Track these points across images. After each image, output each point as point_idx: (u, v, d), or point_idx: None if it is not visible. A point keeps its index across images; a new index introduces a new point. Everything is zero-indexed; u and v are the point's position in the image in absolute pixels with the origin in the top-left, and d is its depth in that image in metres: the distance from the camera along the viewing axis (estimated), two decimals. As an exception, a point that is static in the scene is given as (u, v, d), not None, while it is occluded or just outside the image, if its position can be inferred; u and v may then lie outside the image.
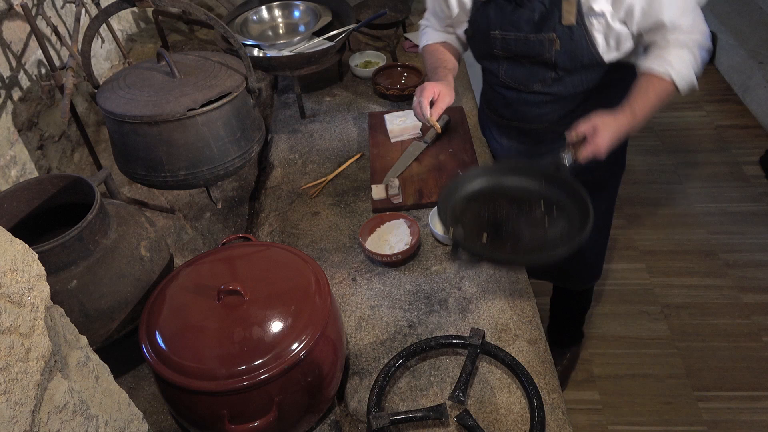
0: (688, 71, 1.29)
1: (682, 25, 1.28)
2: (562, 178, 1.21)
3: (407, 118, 1.69)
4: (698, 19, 1.30)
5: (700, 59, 1.31)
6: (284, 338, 0.93)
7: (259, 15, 1.89)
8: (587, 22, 1.31)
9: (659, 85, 1.29)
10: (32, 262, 0.62)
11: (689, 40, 1.29)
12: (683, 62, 1.28)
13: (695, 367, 2.21)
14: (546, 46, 1.36)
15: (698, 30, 1.30)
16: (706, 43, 1.31)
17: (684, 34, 1.29)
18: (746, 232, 2.72)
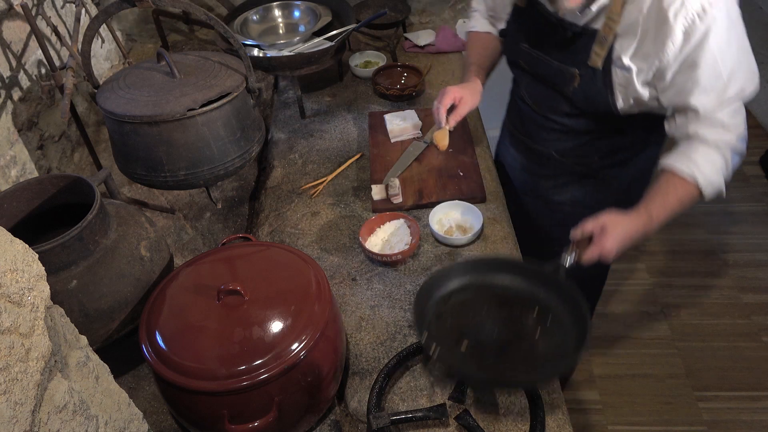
0: (717, 177, 1.15)
1: (717, 119, 1.14)
2: (561, 284, 1.09)
3: (407, 118, 1.69)
4: (738, 118, 1.16)
5: (731, 164, 1.17)
6: (284, 338, 0.93)
7: (259, 15, 1.89)
8: (613, 71, 1.21)
9: (682, 188, 1.16)
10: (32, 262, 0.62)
11: (723, 140, 1.15)
12: (712, 166, 1.14)
13: (695, 367, 2.21)
14: (566, 79, 1.28)
15: (736, 130, 1.16)
16: (740, 147, 1.17)
17: (718, 131, 1.14)
18: (746, 232, 2.72)
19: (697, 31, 1.07)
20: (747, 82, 1.14)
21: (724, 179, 1.17)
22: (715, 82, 1.11)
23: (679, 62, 1.11)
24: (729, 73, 1.10)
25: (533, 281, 1.13)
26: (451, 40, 2.08)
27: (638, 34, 1.14)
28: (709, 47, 1.08)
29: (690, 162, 1.15)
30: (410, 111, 1.73)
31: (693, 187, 1.15)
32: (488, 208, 1.47)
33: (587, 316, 1.02)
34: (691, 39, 1.08)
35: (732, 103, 1.13)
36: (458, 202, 1.44)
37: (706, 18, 1.06)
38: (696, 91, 1.12)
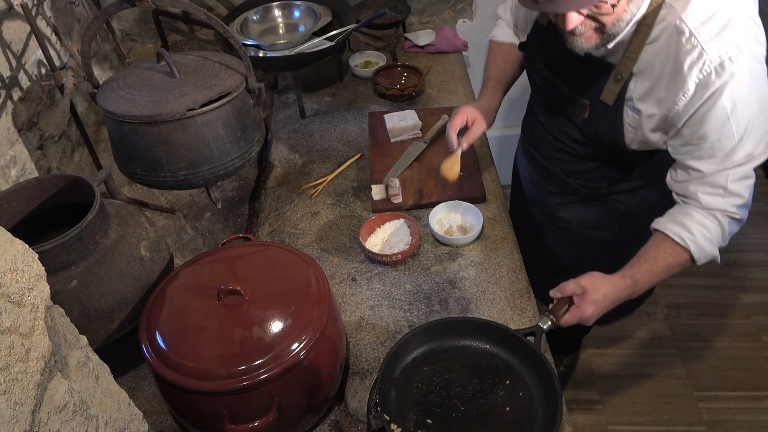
0: (711, 246, 1.10)
1: (720, 182, 1.07)
2: (538, 356, 1.02)
3: (407, 118, 1.69)
4: (744, 184, 1.08)
5: (728, 232, 1.11)
6: (284, 338, 0.93)
7: (259, 15, 1.89)
8: (624, 110, 1.16)
9: (672, 254, 1.11)
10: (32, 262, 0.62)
11: (722, 207, 1.09)
12: (707, 235, 1.09)
13: (695, 367, 2.21)
14: (577, 109, 1.24)
15: (738, 198, 1.08)
16: (741, 214, 1.10)
17: (718, 196, 1.08)
18: (746, 232, 2.70)
19: (712, 86, 1.00)
20: (759, 147, 1.06)
21: (719, 247, 1.12)
22: (724, 143, 1.04)
23: (689, 115, 1.05)
24: (740, 136, 1.03)
25: (505, 346, 1.06)
26: (451, 40, 2.08)
27: (653, 77, 1.08)
28: (722, 105, 1.01)
29: (684, 229, 1.10)
30: (410, 111, 1.73)
31: (684, 254, 1.11)
32: (488, 208, 1.47)
33: (559, 394, 0.96)
34: (705, 93, 1.02)
35: (739, 167, 1.06)
36: (458, 202, 1.44)
37: (724, 74, 0.99)
38: (701, 148, 1.06)
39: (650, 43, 1.07)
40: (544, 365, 1.00)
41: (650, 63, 1.08)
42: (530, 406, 0.99)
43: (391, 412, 0.97)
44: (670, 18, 1.03)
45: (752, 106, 1.03)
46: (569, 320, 1.11)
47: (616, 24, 1.03)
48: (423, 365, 1.06)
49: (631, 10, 1.02)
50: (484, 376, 1.02)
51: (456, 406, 1.00)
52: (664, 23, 1.04)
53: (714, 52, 0.99)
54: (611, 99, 1.16)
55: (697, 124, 1.05)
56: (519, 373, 1.03)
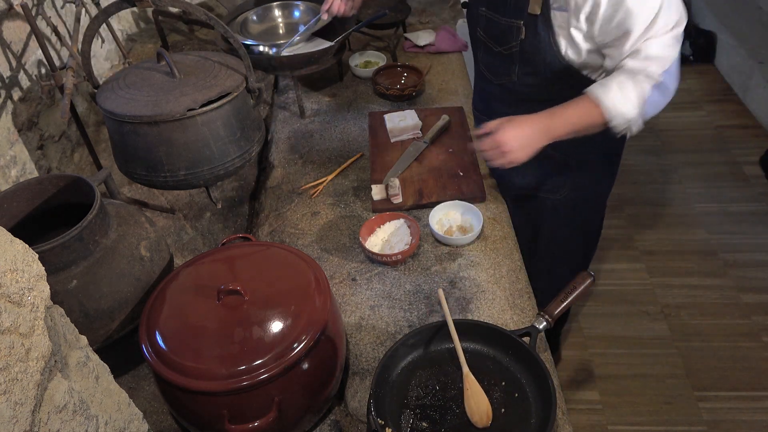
0: (626, 106, 1.17)
1: (643, 49, 1.16)
2: (533, 357, 1.01)
3: (407, 118, 1.69)
4: (667, 51, 1.16)
5: (648, 97, 1.17)
6: (284, 338, 0.93)
7: (259, 15, 1.89)
8: (552, 15, 1.24)
9: (587, 108, 1.20)
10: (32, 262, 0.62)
11: (645, 70, 1.16)
12: (623, 93, 1.16)
13: (695, 367, 2.21)
14: (513, 33, 1.31)
15: (662, 62, 1.16)
16: (665, 81, 1.17)
17: (641, 61, 1.16)
18: (746, 232, 2.72)
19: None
20: (676, 16, 1.16)
21: (639, 112, 1.18)
22: (644, 16, 1.13)
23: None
24: (659, 6, 1.13)
25: (500, 347, 1.06)
26: (451, 40, 2.08)
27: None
28: None
29: (602, 87, 1.18)
30: (410, 111, 1.73)
31: (597, 111, 1.18)
32: (488, 208, 1.47)
33: (554, 394, 0.95)
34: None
35: (661, 35, 1.15)
36: (458, 202, 1.44)
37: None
38: (626, 21, 1.14)
39: None
40: (539, 366, 1.00)
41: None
42: (526, 407, 0.99)
43: (385, 415, 0.97)
44: None
45: None
46: (488, 146, 1.20)
47: None
48: (418, 368, 1.06)
49: None
50: (479, 377, 1.02)
51: (451, 409, 1.00)
52: None
53: None
54: (537, 8, 1.25)
55: (618, 4, 1.14)
56: (514, 374, 1.03)
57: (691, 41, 3.76)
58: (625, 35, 1.16)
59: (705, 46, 3.74)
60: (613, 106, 1.17)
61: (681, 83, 1.22)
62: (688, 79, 3.63)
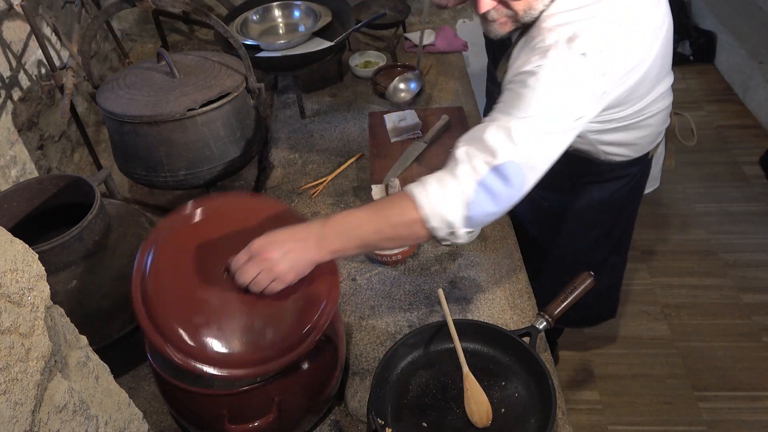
0: (444, 205, 0.91)
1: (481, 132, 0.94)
2: (533, 357, 1.01)
3: (407, 118, 1.69)
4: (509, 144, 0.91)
5: (469, 193, 0.91)
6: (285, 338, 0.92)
7: (259, 15, 1.89)
8: None
9: (395, 207, 0.94)
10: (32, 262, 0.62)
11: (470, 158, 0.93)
12: (440, 191, 0.91)
13: (695, 367, 2.21)
14: (496, 84, 1.23)
15: (491, 152, 0.91)
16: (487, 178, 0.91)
17: (473, 146, 0.93)
18: (746, 232, 2.72)
19: (532, 63, 0.97)
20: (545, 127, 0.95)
21: (463, 213, 0.91)
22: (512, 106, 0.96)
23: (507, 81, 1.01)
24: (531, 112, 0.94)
25: (500, 347, 1.05)
26: (451, 40, 2.08)
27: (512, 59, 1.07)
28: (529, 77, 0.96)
29: (417, 184, 0.94)
30: (410, 111, 1.72)
31: (412, 208, 0.92)
32: (488, 208, 1.47)
33: (554, 394, 0.95)
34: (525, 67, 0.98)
35: (511, 126, 0.93)
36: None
37: (544, 60, 0.96)
38: (495, 108, 0.99)
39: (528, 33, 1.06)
40: (539, 366, 1.00)
41: (518, 50, 1.08)
42: (525, 407, 0.99)
43: (385, 415, 0.97)
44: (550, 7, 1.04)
45: (556, 99, 0.95)
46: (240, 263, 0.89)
47: (527, 12, 1.04)
48: (418, 368, 1.06)
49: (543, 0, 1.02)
50: (479, 377, 1.01)
51: (451, 409, 1.00)
52: None
53: (548, 38, 0.98)
54: (501, 77, 1.12)
55: (505, 91, 1.00)
56: (514, 374, 1.03)
57: (691, 41, 3.76)
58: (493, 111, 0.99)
59: (705, 46, 3.74)
60: (431, 207, 0.91)
61: (681, 83, 1.18)
62: (688, 79, 3.63)
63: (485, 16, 1.06)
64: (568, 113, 0.96)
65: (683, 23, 3.77)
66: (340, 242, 0.92)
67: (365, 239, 0.93)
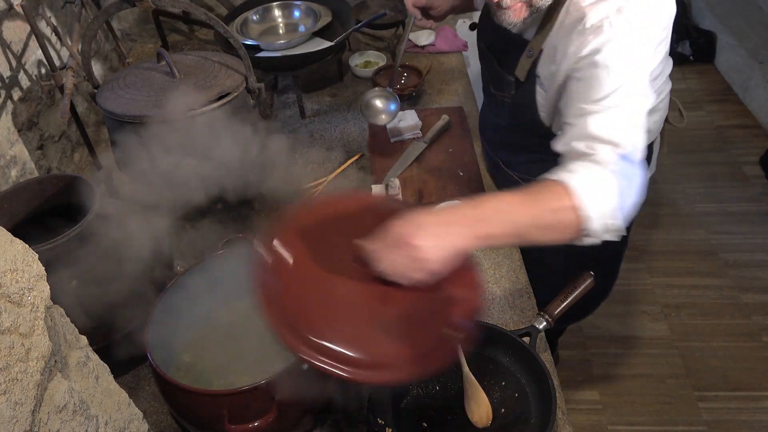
0: (602, 193, 0.86)
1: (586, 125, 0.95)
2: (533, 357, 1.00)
3: (407, 118, 1.69)
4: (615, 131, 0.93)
5: (618, 188, 0.87)
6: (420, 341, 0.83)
7: (259, 15, 1.89)
8: (536, 87, 1.17)
9: (548, 190, 0.87)
10: (32, 262, 0.62)
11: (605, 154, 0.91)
12: (593, 178, 0.88)
13: (695, 367, 2.21)
14: (505, 86, 1.25)
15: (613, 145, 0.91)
16: (622, 168, 0.90)
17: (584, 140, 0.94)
18: (746, 232, 2.72)
19: (588, 45, 1.00)
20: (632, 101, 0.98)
21: (618, 207, 0.87)
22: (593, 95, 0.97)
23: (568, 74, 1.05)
24: (607, 93, 0.96)
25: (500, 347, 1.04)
26: (451, 40, 2.08)
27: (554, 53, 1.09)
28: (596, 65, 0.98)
29: (563, 169, 0.90)
30: (410, 111, 1.73)
31: (563, 193, 0.86)
32: (488, 208, 1.47)
33: (554, 394, 0.95)
34: (581, 52, 1.01)
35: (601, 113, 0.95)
36: (458, 202, 1.43)
37: (601, 35, 0.99)
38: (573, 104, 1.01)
39: (560, 21, 1.09)
40: (539, 366, 1.00)
41: (554, 37, 1.10)
42: (526, 407, 0.99)
43: (385, 416, 0.97)
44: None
45: (626, 69, 0.98)
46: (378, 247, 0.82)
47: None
48: None
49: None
50: (479, 377, 1.01)
51: (451, 409, 1.00)
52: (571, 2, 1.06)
53: (594, 16, 1.00)
54: (523, 75, 1.17)
55: (572, 79, 1.04)
56: (514, 374, 1.03)
57: (691, 41, 3.76)
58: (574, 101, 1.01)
59: (705, 46, 3.74)
60: (591, 199, 0.85)
61: (681, 83, 1.19)
62: (688, 79, 3.63)
63: (499, 3, 1.06)
64: (643, 75, 1.00)
65: (683, 23, 3.77)
66: (493, 226, 0.83)
67: (518, 225, 0.84)
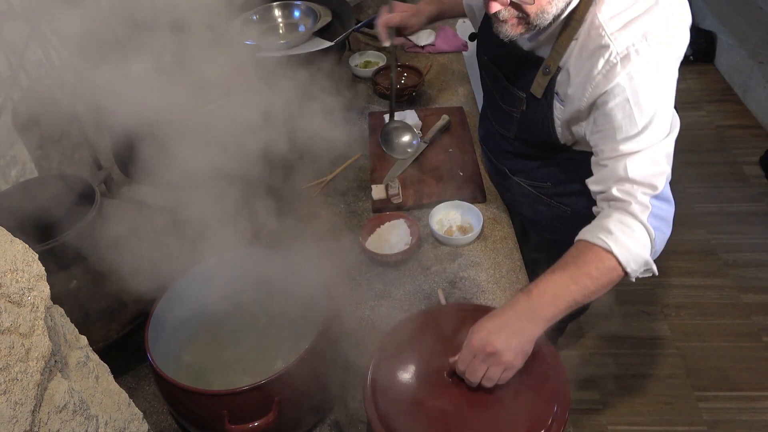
0: (637, 246, 0.99)
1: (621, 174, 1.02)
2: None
3: (407, 118, 1.69)
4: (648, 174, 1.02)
5: (653, 233, 1.02)
6: None
7: (259, 15, 1.89)
8: (553, 102, 1.16)
9: (592, 262, 0.98)
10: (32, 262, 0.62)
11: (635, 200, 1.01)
12: (629, 232, 0.99)
13: (695, 367, 2.21)
14: (515, 102, 1.25)
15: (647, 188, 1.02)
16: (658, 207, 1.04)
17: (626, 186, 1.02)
18: (746, 232, 2.72)
19: (617, 76, 1.00)
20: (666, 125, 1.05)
21: (650, 251, 1.02)
22: (626, 130, 1.02)
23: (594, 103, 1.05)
24: (644, 125, 1.01)
25: None
26: (451, 40, 2.08)
27: (574, 71, 1.09)
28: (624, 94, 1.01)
29: (601, 229, 0.99)
30: (410, 111, 1.73)
31: (607, 256, 0.98)
32: (488, 208, 1.47)
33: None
34: (609, 83, 1.01)
35: (637, 153, 1.02)
36: (458, 202, 1.44)
37: (628, 65, 0.99)
38: (605, 137, 1.04)
39: (577, 38, 1.08)
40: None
41: (574, 57, 1.09)
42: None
43: None
44: (591, 14, 1.05)
45: (659, 94, 1.02)
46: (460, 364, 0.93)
47: (539, 15, 1.04)
48: None
49: (557, 4, 1.03)
50: None
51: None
52: (589, 20, 1.06)
53: (620, 44, 1.00)
54: (539, 92, 1.17)
55: (602, 113, 1.04)
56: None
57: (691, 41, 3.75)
58: (608, 140, 1.05)
59: (705, 46, 3.74)
60: (626, 250, 0.98)
61: (681, 83, 1.19)
62: (688, 79, 3.63)
63: (497, 15, 1.06)
64: (671, 100, 1.04)
65: (683, 23, 3.77)
66: (551, 310, 0.95)
67: (574, 299, 0.96)
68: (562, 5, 1.04)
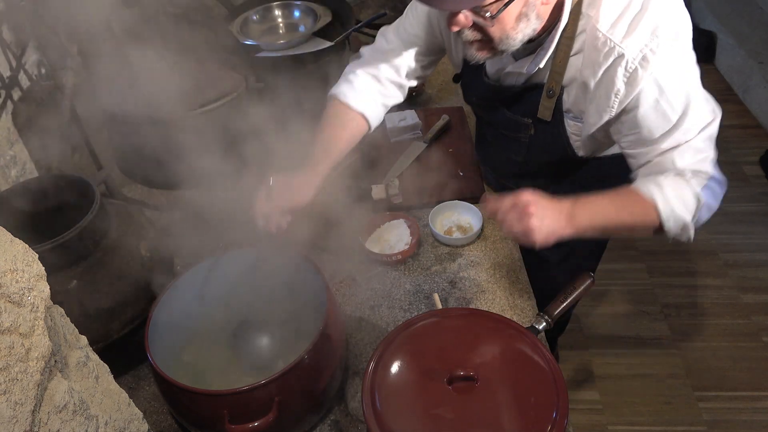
0: (682, 208, 1.02)
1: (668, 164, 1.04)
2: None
3: (407, 118, 1.69)
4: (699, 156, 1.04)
5: (704, 201, 1.04)
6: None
7: (259, 15, 1.89)
8: (565, 121, 1.16)
9: (636, 204, 1.04)
10: (32, 262, 0.62)
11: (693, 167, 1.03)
12: (678, 193, 1.02)
13: (695, 367, 2.21)
14: (521, 128, 1.24)
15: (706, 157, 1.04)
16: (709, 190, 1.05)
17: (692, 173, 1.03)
18: (746, 232, 2.72)
19: (641, 80, 1.00)
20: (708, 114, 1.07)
21: (693, 220, 1.05)
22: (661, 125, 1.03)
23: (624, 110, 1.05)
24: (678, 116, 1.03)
25: None
26: (451, 40, 2.08)
27: (583, 86, 1.08)
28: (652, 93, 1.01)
29: (655, 185, 1.03)
30: (410, 111, 1.73)
31: (650, 208, 1.02)
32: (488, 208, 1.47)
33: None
34: (635, 89, 1.01)
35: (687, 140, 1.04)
36: (458, 202, 1.44)
37: (649, 66, 0.99)
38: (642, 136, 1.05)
39: (574, 54, 1.07)
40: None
41: (577, 73, 1.08)
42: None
43: None
44: (588, 27, 1.03)
45: (685, 84, 1.03)
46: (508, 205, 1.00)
47: (503, 41, 1.01)
48: None
49: (523, 30, 1.00)
50: None
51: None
52: (583, 34, 1.04)
53: (633, 49, 0.99)
54: (548, 115, 1.16)
55: (633, 116, 1.04)
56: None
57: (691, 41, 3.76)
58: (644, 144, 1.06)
59: (705, 46, 3.74)
60: (671, 212, 1.02)
61: None
62: (688, 79, 3.63)
63: (461, 36, 1.03)
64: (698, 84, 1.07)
65: (683, 23, 3.77)
66: (587, 221, 1.02)
67: (607, 222, 1.04)
68: (529, 32, 1.01)
